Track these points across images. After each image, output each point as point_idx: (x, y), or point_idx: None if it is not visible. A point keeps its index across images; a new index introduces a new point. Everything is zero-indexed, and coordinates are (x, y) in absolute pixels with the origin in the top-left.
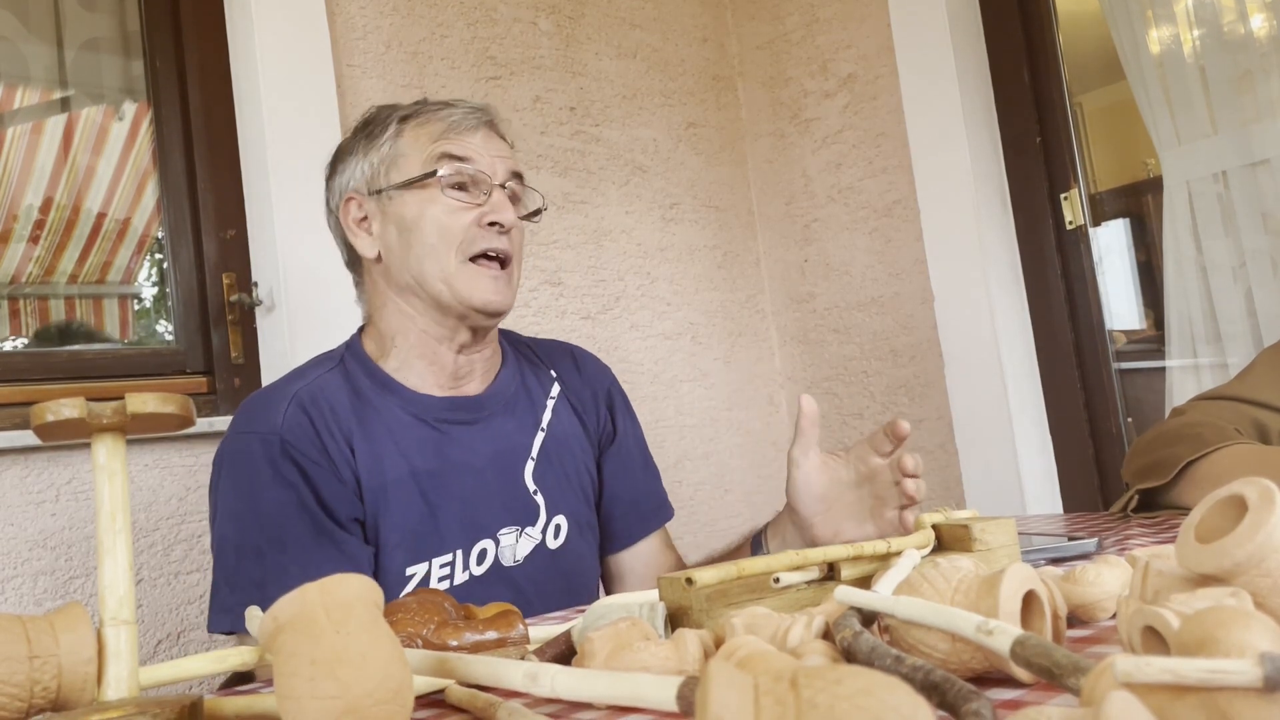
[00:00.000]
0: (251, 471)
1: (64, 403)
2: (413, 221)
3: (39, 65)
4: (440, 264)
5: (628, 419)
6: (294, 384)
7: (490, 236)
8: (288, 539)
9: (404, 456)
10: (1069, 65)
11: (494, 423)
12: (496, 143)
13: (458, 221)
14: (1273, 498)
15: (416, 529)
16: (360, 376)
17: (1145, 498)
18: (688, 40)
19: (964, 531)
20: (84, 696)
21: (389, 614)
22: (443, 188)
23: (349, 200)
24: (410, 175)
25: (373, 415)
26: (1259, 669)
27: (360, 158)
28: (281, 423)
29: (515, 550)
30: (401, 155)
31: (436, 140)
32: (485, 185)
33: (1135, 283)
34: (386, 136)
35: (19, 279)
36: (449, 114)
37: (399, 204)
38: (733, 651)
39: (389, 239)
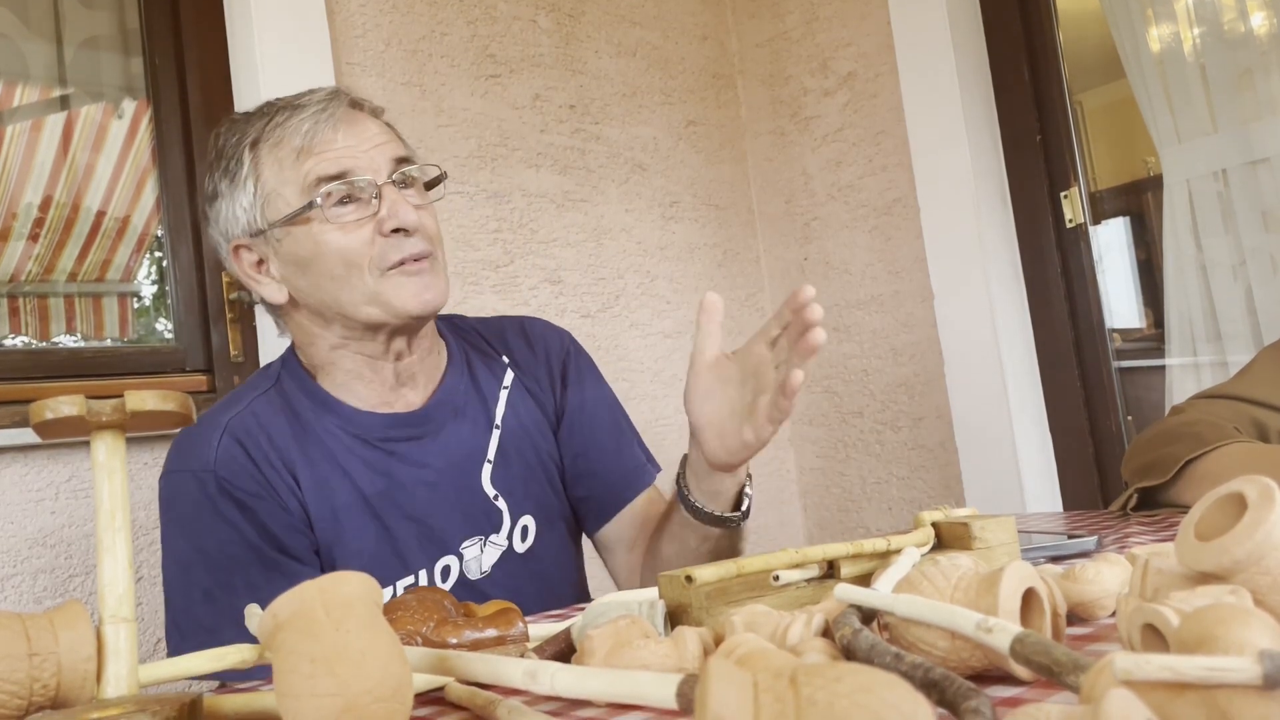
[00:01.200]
0: (191, 512)
1: (63, 400)
2: (311, 256)
3: (38, 63)
4: (358, 288)
5: (587, 386)
6: (225, 413)
7: (399, 244)
8: (236, 579)
9: (351, 481)
10: (1069, 63)
11: (443, 433)
12: (364, 129)
13: (358, 239)
14: (1272, 495)
15: (374, 553)
16: (299, 396)
17: (1144, 496)
18: (688, 38)
19: (963, 529)
20: (83, 694)
21: (388, 612)
22: (328, 213)
23: (237, 249)
24: (290, 209)
25: (314, 441)
26: (1258, 666)
27: (229, 201)
28: (215, 458)
29: (481, 561)
30: (271, 192)
31: (301, 159)
32: (370, 189)
33: (1135, 281)
34: (245, 173)
35: (18, 277)
36: (299, 122)
37: (289, 242)
38: (732, 649)
39: (293, 279)
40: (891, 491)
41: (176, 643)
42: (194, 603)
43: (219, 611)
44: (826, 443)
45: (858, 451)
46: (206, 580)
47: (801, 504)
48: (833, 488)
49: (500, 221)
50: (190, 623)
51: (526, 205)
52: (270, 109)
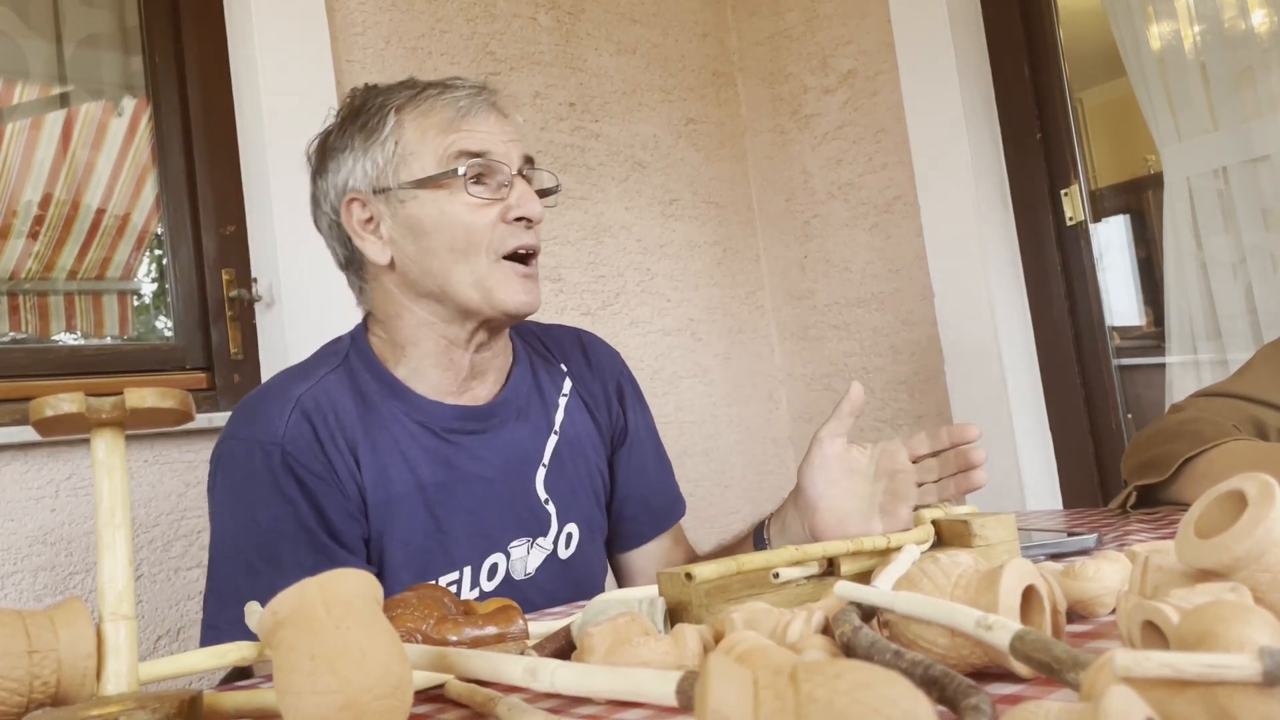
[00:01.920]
0: (249, 482)
1: (63, 398)
2: (433, 224)
3: (38, 60)
4: (471, 268)
5: (639, 410)
6: (297, 386)
7: (518, 233)
8: (283, 557)
9: (411, 469)
10: (1069, 61)
11: (505, 430)
12: (504, 124)
13: (482, 219)
14: (1272, 493)
15: (423, 545)
16: (367, 379)
17: (1144, 494)
18: (688, 36)
19: (964, 527)
20: (83, 691)
21: (389, 609)
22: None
23: (351, 201)
24: (425, 173)
25: (378, 424)
26: (1258, 664)
27: (360, 155)
28: (284, 432)
29: (526, 563)
30: (410, 153)
31: (446, 131)
32: (504, 176)
33: (1135, 279)
34: (388, 131)
35: (18, 275)
36: (453, 98)
37: (413, 205)
38: (732, 646)
39: (403, 243)
40: None
41: (214, 608)
42: (238, 572)
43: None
44: None
45: None
46: (254, 552)
47: None
48: None
49: None
50: (231, 591)
51: None
52: (418, 83)
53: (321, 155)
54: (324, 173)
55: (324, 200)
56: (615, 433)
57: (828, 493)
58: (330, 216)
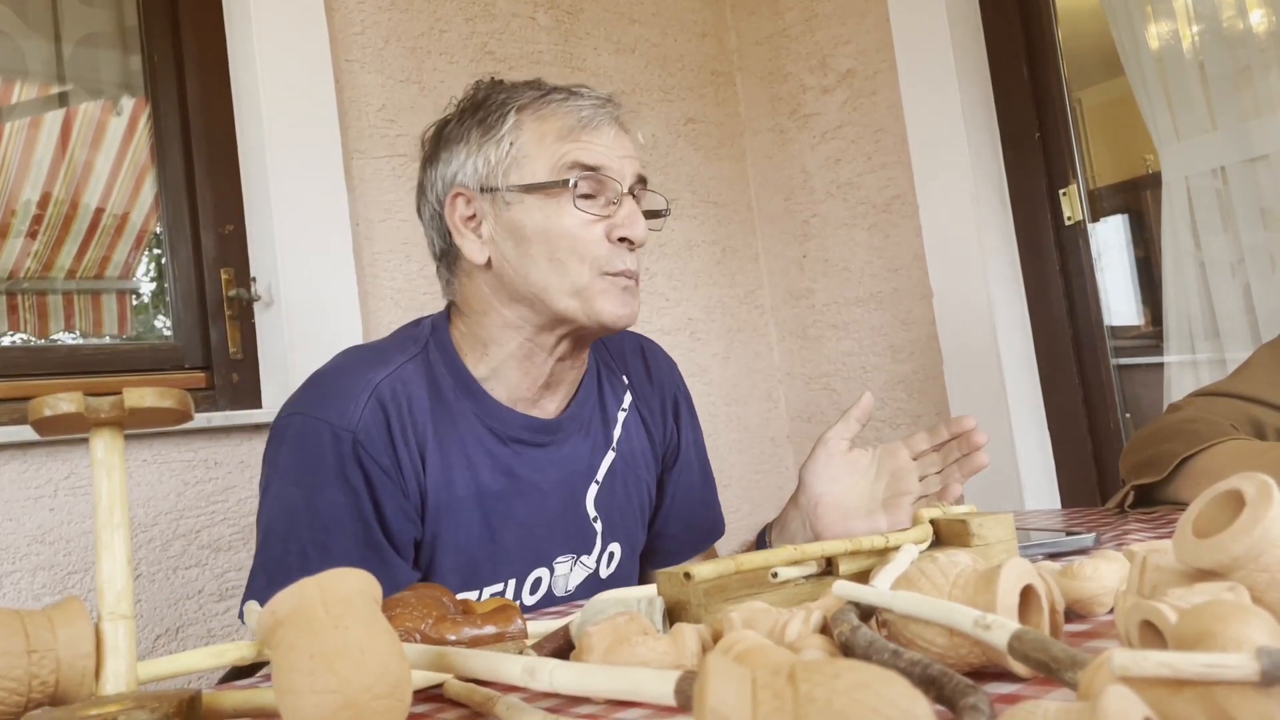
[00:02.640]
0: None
1: (61, 397)
2: (537, 232)
3: (37, 60)
4: (571, 279)
5: (691, 427)
6: (375, 371)
7: (622, 255)
8: (334, 547)
9: (474, 474)
10: (1068, 61)
11: (567, 445)
12: (624, 142)
13: (589, 234)
14: (1270, 492)
15: (474, 554)
16: (443, 372)
17: (1142, 493)
18: (687, 35)
19: (962, 526)
20: (82, 691)
21: (387, 609)
22: (573, 198)
23: (456, 196)
24: (536, 180)
25: (449, 422)
26: (1256, 663)
27: (473, 150)
28: (359, 420)
29: (569, 580)
30: (525, 156)
31: (563, 139)
32: (614, 194)
33: (1134, 278)
34: (505, 130)
35: (17, 274)
36: (576, 107)
37: (519, 209)
38: (730, 646)
39: (503, 246)
40: None
41: (261, 585)
42: (290, 553)
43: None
44: None
45: None
46: (307, 537)
47: None
48: None
49: None
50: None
51: None
52: (543, 86)
53: (435, 143)
54: (435, 161)
55: (430, 189)
56: (668, 450)
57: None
58: (434, 207)
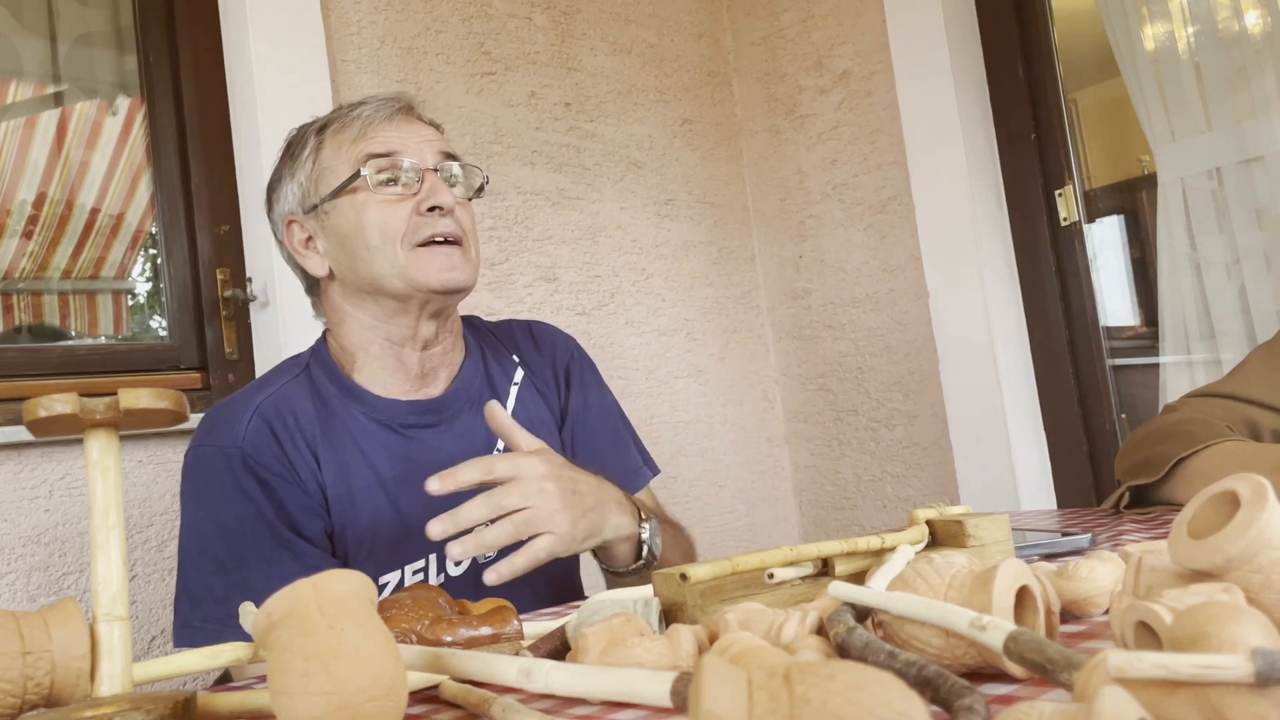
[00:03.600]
0: (213, 484)
1: (56, 398)
2: (353, 228)
3: (32, 59)
4: (390, 259)
5: (589, 390)
6: (257, 395)
7: (433, 221)
8: (249, 553)
9: (370, 464)
10: (1064, 62)
11: (459, 421)
12: (418, 128)
13: (396, 215)
14: (1265, 494)
15: (386, 536)
16: (326, 384)
17: (1137, 494)
18: (683, 36)
19: (958, 527)
20: (77, 692)
21: (383, 610)
22: (372, 187)
23: (290, 224)
24: (340, 181)
25: (338, 424)
26: (1251, 664)
27: (289, 180)
28: (243, 435)
29: None
30: (326, 168)
31: (356, 141)
32: (416, 173)
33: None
34: (308, 153)
35: (12, 274)
36: (361, 111)
37: (335, 215)
38: (727, 647)
39: (336, 253)
40: (886, 489)
41: (186, 610)
42: (207, 572)
43: (230, 582)
44: (821, 440)
45: (852, 449)
46: (221, 551)
47: (796, 501)
48: (827, 485)
49: (495, 219)
50: (203, 590)
51: (521, 203)
52: (340, 107)
53: (269, 195)
54: (271, 208)
55: (277, 233)
56: (562, 412)
57: None
58: (283, 247)
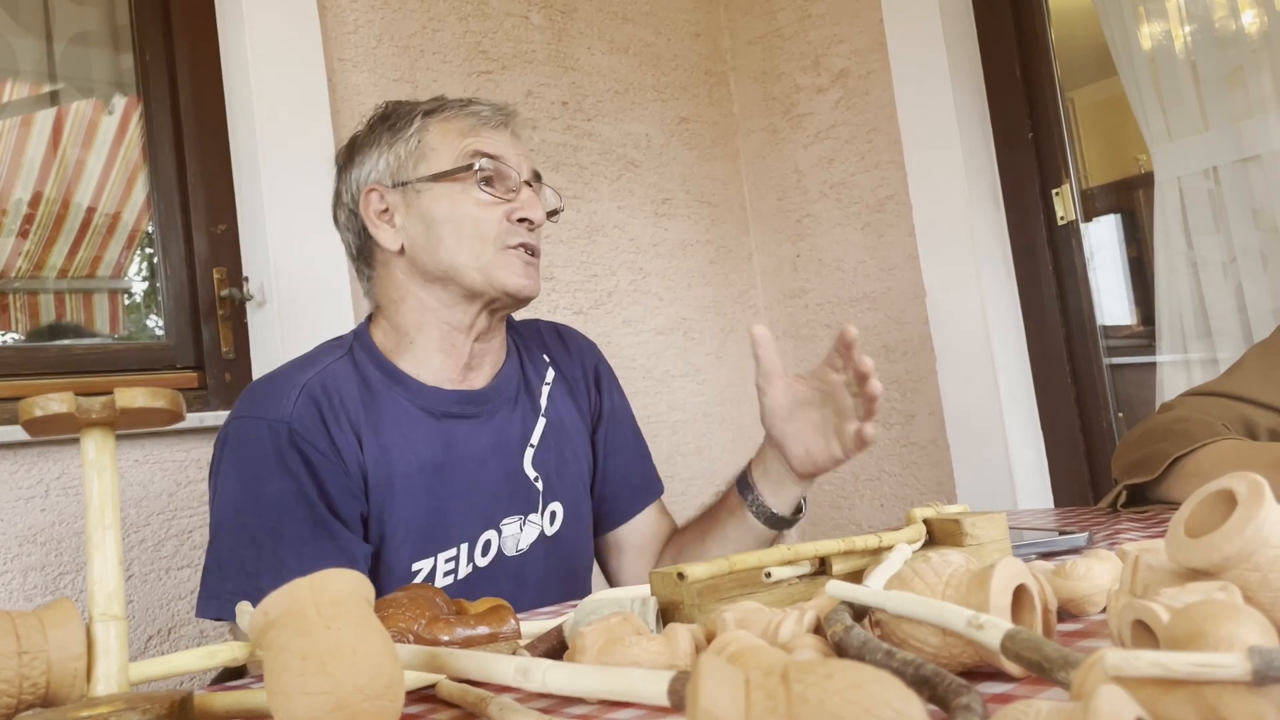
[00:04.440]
0: (256, 457)
1: (52, 397)
2: (444, 214)
3: (28, 58)
4: (475, 254)
5: (615, 394)
6: (304, 373)
7: (521, 232)
8: (285, 530)
9: (412, 450)
10: (1061, 61)
11: (498, 415)
12: (519, 139)
13: (490, 216)
14: (1262, 492)
15: (423, 524)
16: (370, 368)
17: (1134, 493)
18: (680, 35)
19: (955, 526)
20: (73, 692)
21: (380, 609)
22: (476, 183)
23: (370, 192)
24: (442, 168)
25: (381, 408)
26: (1248, 663)
27: (384, 150)
28: (291, 411)
29: (519, 539)
30: (430, 149)
31: (465, 136)
32: (513, 182)
33: (1126, 278)
34: (413, 130)
35: (8, 273)
36: (476, 110)
37: (428, 197)
38: (724, 646)
39: (414, 231)
40: (884, 488)
41: (215, 581)
42: (240, 544)
43: (261, 557)
44: None
45: None
46: (256, 525)
47: None
48: (825, 484)
49: None
50: (233, 563)
51: None
52: (445, 98)
53: (349, 152)
54: (349, 167)
55: (345, 193)
56: (594, 416)
57: (788, 428)
58: (349, 208)
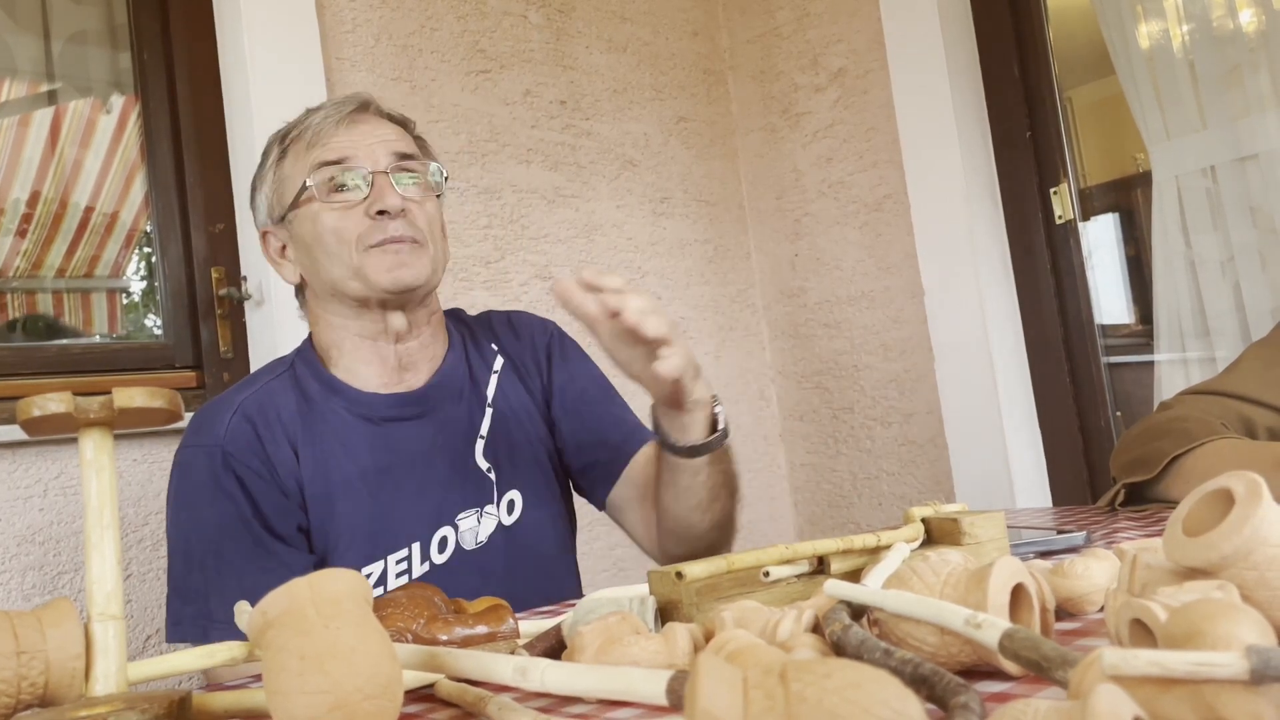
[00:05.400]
0: (195, 484)
1: (51, 397)
2: (312, 236)
3: (26, 58)
4: (345, 263)
5: (572, 363)
6: (241, 393)
7: (383, 225)
8: (225, 551)
9: (351, 458)
10: (1059, 60)
11: (440, 413)
12: (372, 128)
13: (349, 220)
14: (1260, 491)
15: (367, 529)
16: (309, 380)
17: (1132, 492)
18: (678, 34)
19: (953, 525)
20: (72, 692)
21: (378, 609)
22: (323, 196)
23: (265, 235)
24: (295, 192)
25: (319, 419)
26: (1245, 662)
27: (260, 192)
28: (224, 434)
29: (477, 532)
30: (286, 178)
31: (311, 148)
32: (365, 177)
33: (1124, 277)
34: (270, 163)
35: (6, 273)
36: (312, 120)
37: (299, 224)
38: (722, 645)
39: (303, 260)
40: (882, 487)
41: (176, 607)
42: (191, 570)
43: (209, 580)
44: (817, 438)
45: (848, 447)
46: (201, 550)
47: (792, 499)
48: (823, 483)
49: (491, 217)
50: (188, 588)
51: (517, 201)
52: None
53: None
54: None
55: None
56: (546, 392)
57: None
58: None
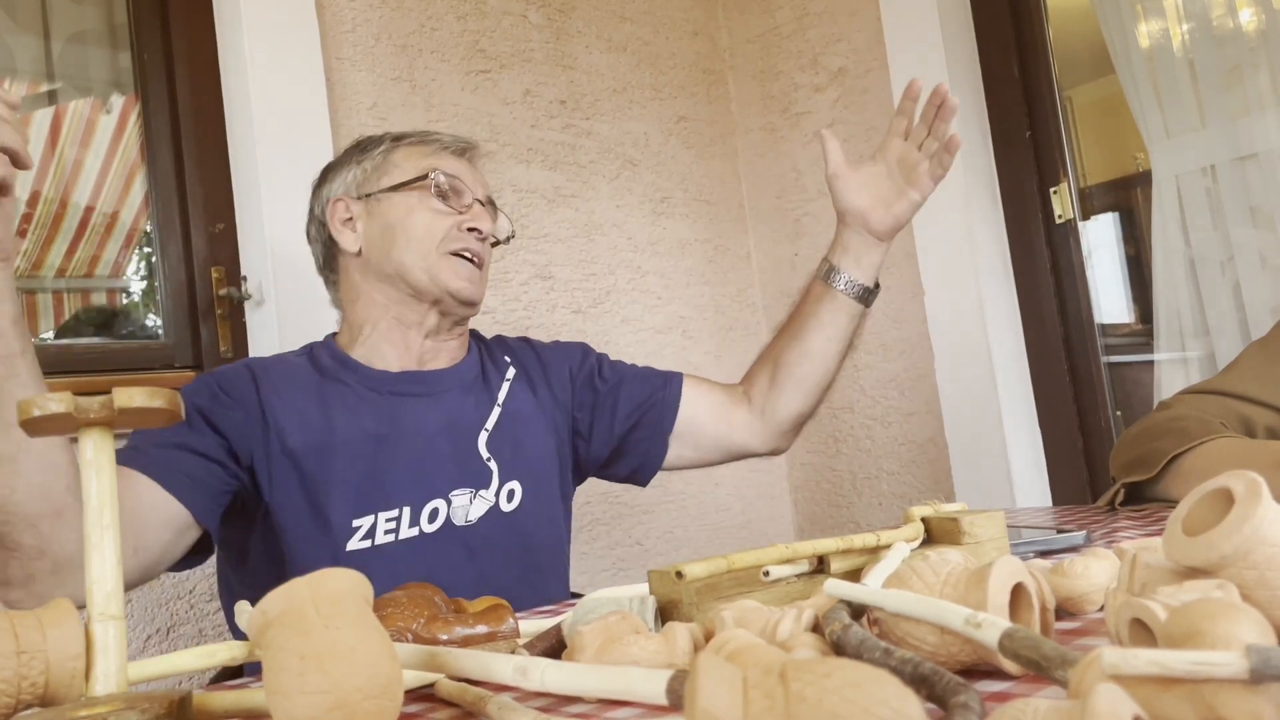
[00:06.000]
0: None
1: (50, 397)
2: (399, 220)
3: (26, 57)
4: (423, 255)
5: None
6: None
7: (468, 239)
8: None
9: (356, 422)
10: (1059, 59)
11: (448, 397)
12: (476, 171)
13: (441, 224)
14: (1259, 491)
15: (360, 485)
16: (325, 358)
17: (1132, 491)
18: (678, 34)
19: (953, 524)
20: (72, 692)
21: (378, 608)
22: (430, 192)
23: (336, 202)
24: (403, 179)
25: (329, 385)
26: (1245, 661)
27: (352, 167)
28: (224, 372)
29: (469, 511)
30: (394, 165)
31: (427, 157)
32: (467, 198)
33: (1124, 276)
34: (380, 150)
35: None
36: (438, 138)
37: (387, 205)
38: (722, 645)
39: (372, 235)
40: (881, 487)
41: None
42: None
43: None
44: (817, 438)
45: (848, 446)
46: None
47: (792, 499)
48: (823, 483)
49: None
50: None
51: (517, 201)
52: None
53: (323, 173)
54: (321, 186)
55: (316, 207)
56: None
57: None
58: (319, 220)
